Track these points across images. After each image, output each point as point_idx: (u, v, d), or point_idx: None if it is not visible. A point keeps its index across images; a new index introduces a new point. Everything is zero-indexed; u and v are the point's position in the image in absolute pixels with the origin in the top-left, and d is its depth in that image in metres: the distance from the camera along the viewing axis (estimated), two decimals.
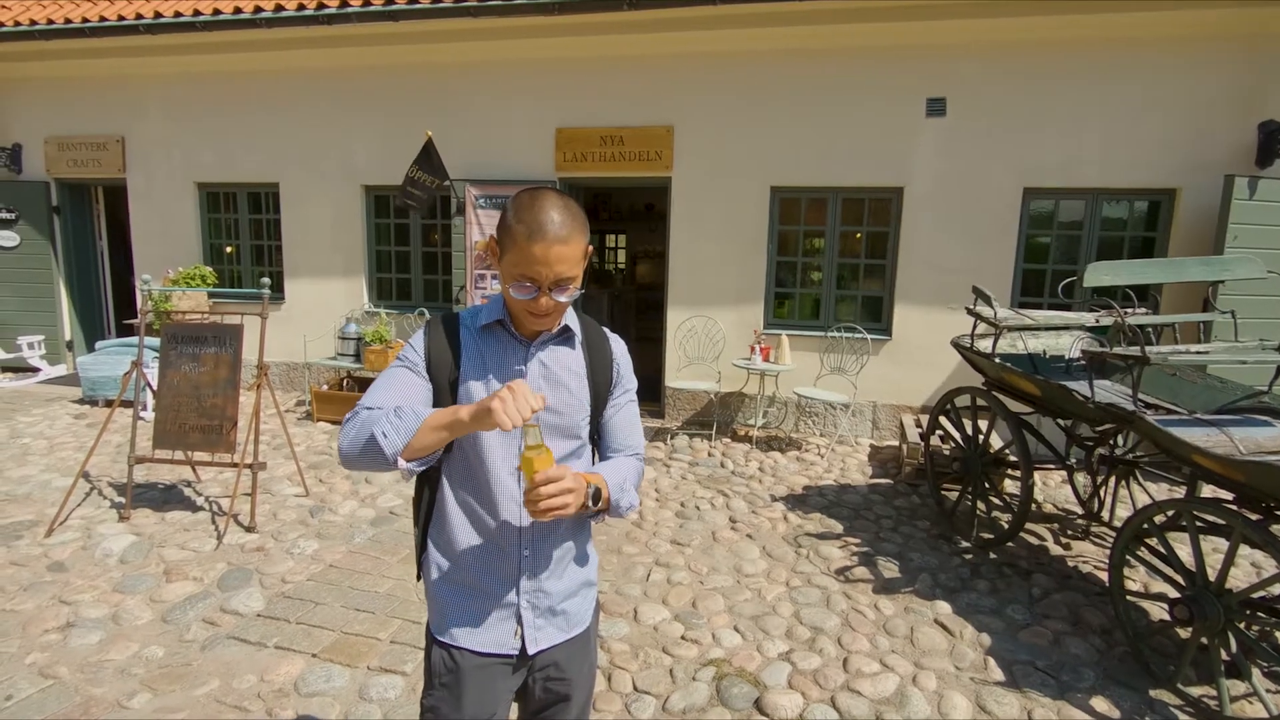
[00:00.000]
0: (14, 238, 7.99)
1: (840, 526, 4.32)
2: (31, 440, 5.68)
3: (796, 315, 6.47)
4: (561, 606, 1.42)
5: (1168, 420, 3.01)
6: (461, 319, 1.41)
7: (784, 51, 5.96)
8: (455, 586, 1.39)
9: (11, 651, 2.84)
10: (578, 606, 1.46)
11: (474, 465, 1.35)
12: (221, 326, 4.27)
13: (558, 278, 1.23)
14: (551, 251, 1.20)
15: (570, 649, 1.44)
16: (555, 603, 1.41)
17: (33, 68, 7.64)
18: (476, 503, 1.37)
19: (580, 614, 1.46)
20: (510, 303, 1.32)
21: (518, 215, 1.22)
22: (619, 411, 1.48)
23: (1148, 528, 2.89)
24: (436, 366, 1.36)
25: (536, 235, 1.19)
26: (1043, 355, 4.33)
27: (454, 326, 1.40)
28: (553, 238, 1.20)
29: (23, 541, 3.84)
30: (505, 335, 1.38)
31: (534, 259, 1.20)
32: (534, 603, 1.39)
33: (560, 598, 1.42)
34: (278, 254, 7.52)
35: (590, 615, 1.50)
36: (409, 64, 6.75)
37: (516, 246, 1.22)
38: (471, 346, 1.37)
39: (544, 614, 1.40)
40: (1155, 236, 5.65)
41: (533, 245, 1.20)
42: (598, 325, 1.50)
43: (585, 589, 1.49)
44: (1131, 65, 5.39)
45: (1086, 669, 2.90)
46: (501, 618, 1.38)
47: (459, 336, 1.38)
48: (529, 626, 1.38)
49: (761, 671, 2.85)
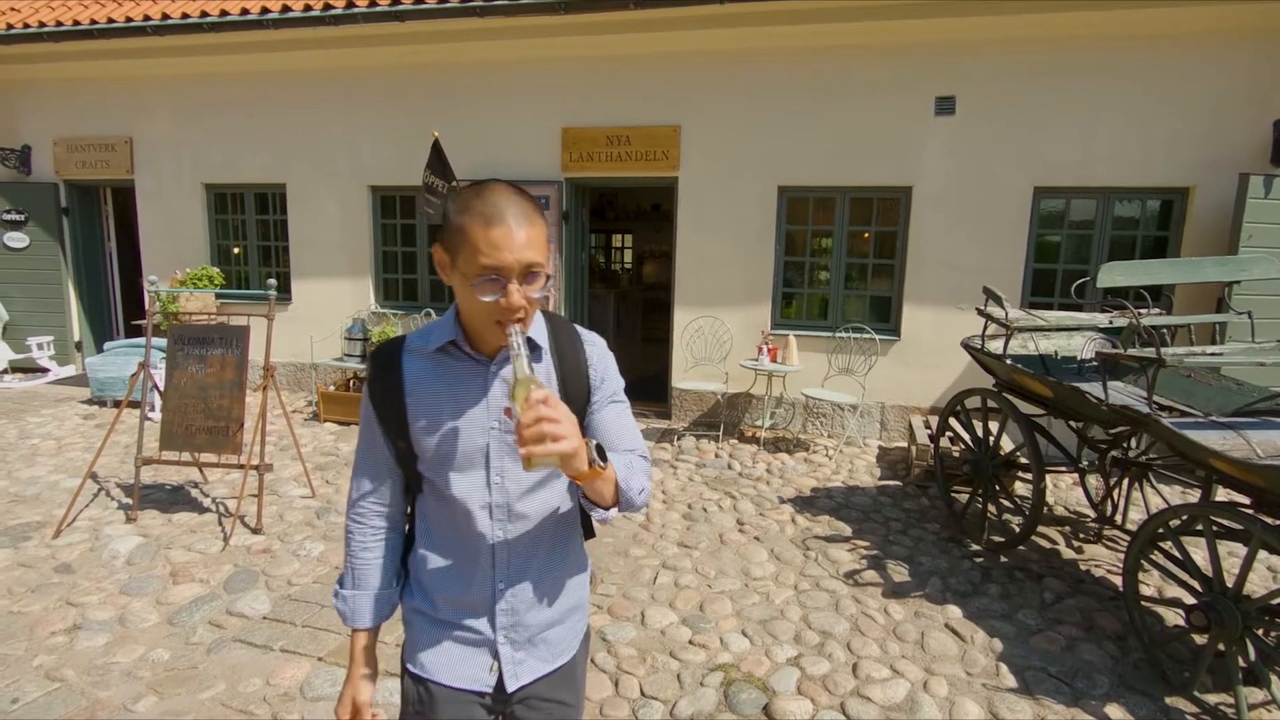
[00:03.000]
0: (23, 239, 8.03)
1: (849, 529, 4.29)
2: (40, 441, 5.70)
3: (804, 315, 6.43)
4: (544, 637, 1.32)
5: (1183, 423, 2.96)
6: (407, 344, 1.25)
7: (791, 50, 5.92)
8: (429, 618, 1.30)
9: (18, 654, 2.84)
10: (563, 635, 1.35)
11: (444, 495, 1.24)
12: (228, 328, 4.26)
13: (527, 265, 1.08)
14: (516, 235, 1.06)
15: (555, 680, 1.33)
16: (536, 633, 1.30)
17: (42, 69, 7.67)
18: (449, 533, 1.27)
19: (566, 642, 1.35)
20: (471, 314, 1.15)
21: (467, 208, 1.08)
22: (602, 414, 1.30)
23: (1163, 532, 2.85)
24: (384, 418, 1.25)
25: (496, 220, 1.06)
26: (1054, 356, 4.28)
27: (396, 358, 1.24)
28: (514, 219, 1.07)
29: (30, 543, 3.84)
30: (460, 358, 1.22)
31: (498, 245, 1.05)
32: (512, 637, 1.28)
33: (541, 628, 1.31)
34: (284, 255, 7.53)
35: (578, 642, 1.38)
36: (415, 64, 6.75)
37: (472, 240, 1.06)
38: (419, 377, 1.22)
39: (524, 646, 1.29)
40: (1168, 236, 5.59)
41: (493, 230, 1.05)
42: (569, 325, 1.33)
43: (572, 615, 1.37)
44: (1144, 62, 5.33)
45: (1100, 675, 2.86)
46: (477, 653, 1.28)
47: (401, 370, 1.23)
48: (507, 661, 1.28)
49: (770, 677, 2.82)
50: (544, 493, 1.26)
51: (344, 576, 1.34)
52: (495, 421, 1.21)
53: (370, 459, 1.31)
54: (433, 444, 1.21)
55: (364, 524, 1.33)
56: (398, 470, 1.30)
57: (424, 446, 1.22)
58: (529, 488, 1.24)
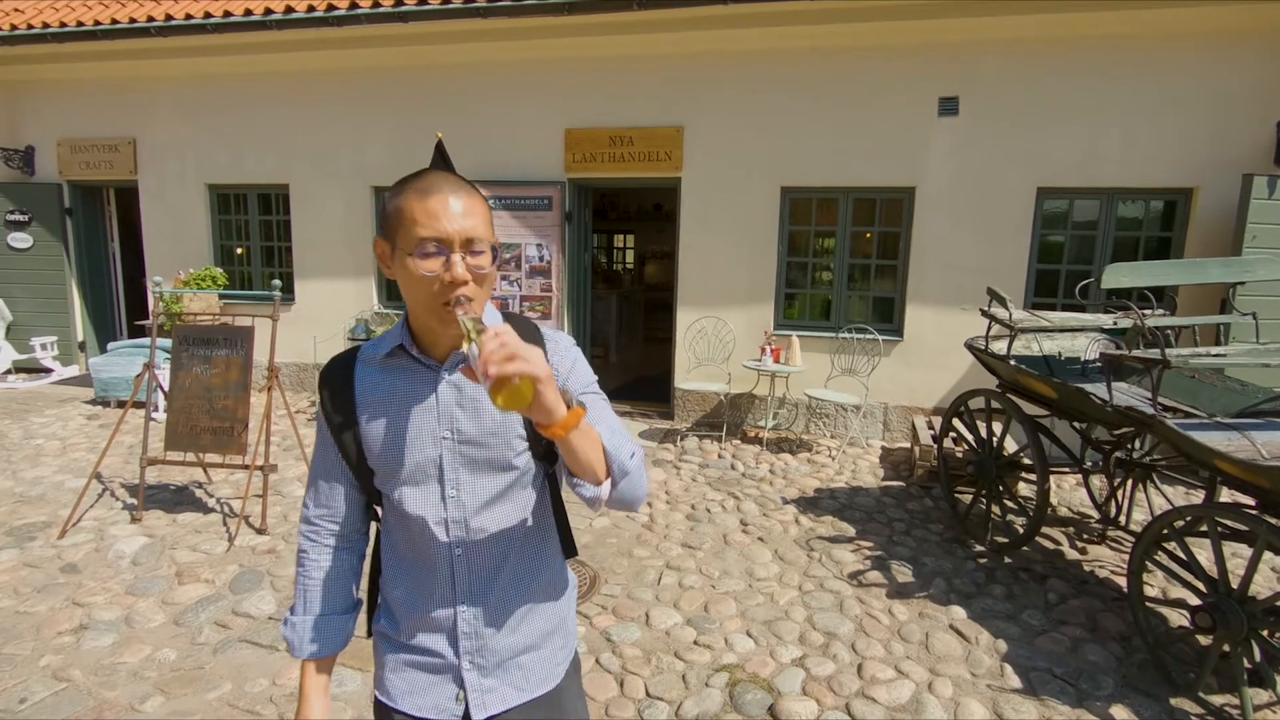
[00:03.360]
0: (27, 239, 8.05)
1: (852, 530, 4.29)
2: (45, 441, 5.71)
3: (807, 316, 6.44)
4: (518, 663, 1.22)
5: (1187, 424, 2.96)
6: (361, 354, 1.21)
7: (795, 51, 5.92)
8: (394, 643, 1.24)
9: (25, 654, 2.85)
10: (540, 662, 1.25)
11: (400, 511, 1.18)
12: (233, 328, 4.27)
13: (468, 235, 1.02)
14: (454, 203, 1.02)
15: (534, 712, 1.23)
16: (506, 659, 1.21)
17: (45, 70, 7.68)
18: (408, 552, 1.21)
19: (545, 671, 1.25)
20: (417, 303, 1.08)
21: (401, 189, 1.04)
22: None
23: (1167, 533, 2.85)
24: (336, 431, 1.20)
25: (431, 190, 1.02)
26: (1058, 357, 4.28)
27: (348, 370, 1.20)
28: (450, 191, 1.03)
29: (36, 543, 3.85)
30: (409, 364, 1.16)
31: (434, 214, 1.01)
32: (478, 662, 1.20)
33: (512, 654, 1.22)
34: (288, 255, 7.54)
35: (562, 671, 1.28)
36: (418, 65, 6.75)
37: (409, 214, 1.02)
38: (369, 387, 1.17)
39: (492, 673, 1.21)
40: (1172, 236, 5.59)
41: (428, 200, 1.01)
42: (531, 324, 1.25)
43: (551, 640, 1.26)
44: (1147, 63, 5.33)
45: (1105, 676, 2.86)
46: (441, 680, 1.20)
47: (353, 382, 1.18)
48: (473, 689, 1.19)
49: (775, 678, 2.83)
50: (504, 505, 1.18)
51: (295, 602, 1.28)
52: (447, 431, 1.14)
53: (324, 474, 1.25)
54: (385, 456, 1.16)
55: (316, 542, 1.26)
56: (354, 486, 1.24)
57: (376, 459, 1.17)
58: (486, 500, 1.16)
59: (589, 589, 3.49)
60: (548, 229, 6.68)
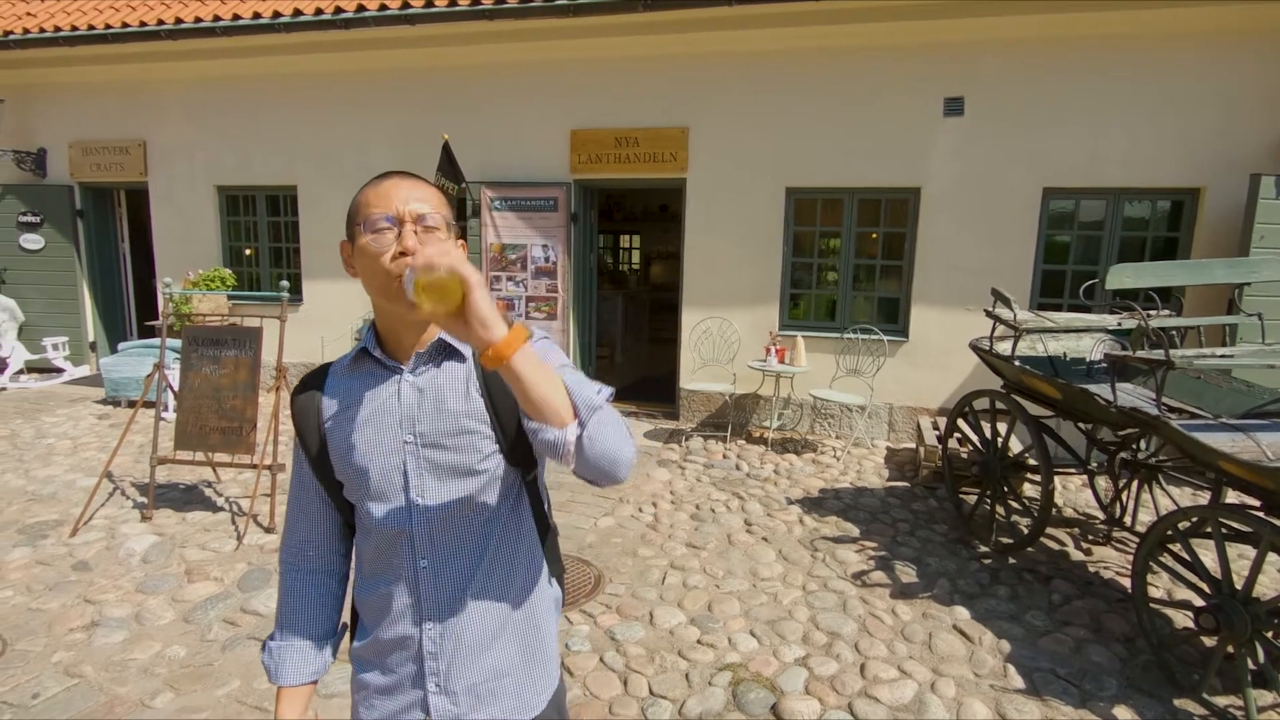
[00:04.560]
0: (39, 241, 8.14)
1: (857, 530, 4.30)
2: (56, 440, 5.77)
3: (812, 316, 6.44)
4: (490, 688, 1.14)
5: (1192, 425, 2.96)
6: (332, 367, 1.19)
7: (800, 51, 5.93)
8: (363, 663, 1.19)
9: (38, 650, 2.89)
10: (517, 688, 1.16)
11: (366, 524, 1.14)
12: (241, 329, 4.31)
13: (418, 212, 1.02)
14: (402, 185, 1.04)
15: None
16: (478, 683, 1.13)
17: (57, 73, 7.76)
18: (376, 568, 1.15)
19: (523, 699, 1.16)
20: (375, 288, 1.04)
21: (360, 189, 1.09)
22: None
23: (1172, 534, 2.85)
24: (307, 446, 1.17)
25: (384, 180, 1.06)
26: (1063, 358, 4.27)
27: (319, 384, 1.17)
28: (402, 177, 1.06)
29: (48, 541, 3.90)
30: (374, 369, 1.12)
31: (386, 194, 1.03)
32: (446, 686, 1.12)
33: (484, 678, 1.13)
34: (296, 256, 7.59)
35: (543, 702, 1.19)
36: (425, 67, 6.79)
37: (362, 202, 1.06)
38: (336, 397, 1.14)
39: (461, 699, 1.13)
40: (1179, 237, 5.56)
41: (381, 185, 1.05)
42: None
43: (530, 664, 1.18)
44: (1154, 62, 5.31)
45: (1109, 677, 2.86)
46: (407, 704, 1.15)
47: (322, 394, 1.16)
48: (438, 714, 1.13)
49: (778, 677, 2.84)
50: (472, 514, 1.11)
51: (275, 628, 1.24)
52: (410, 434, 1.09)
53: (300, 496, 1.22)
54: (350, 465, 1.12)
55: (296, 568, 1.23)
56: (330, 504, 1.20)
57: (342, 470, 1.13)
58: (453, 509, 1.10)
59: (593, 588, 3.51)
60: (553, 230, 6.70)
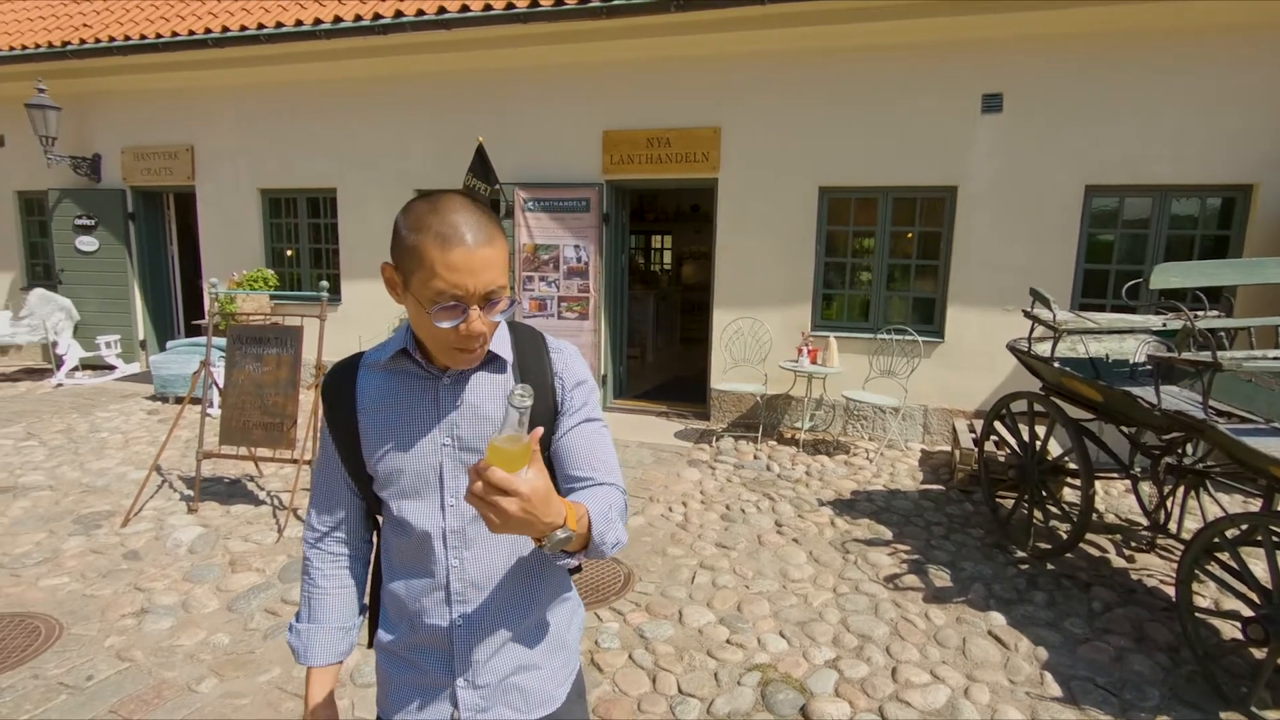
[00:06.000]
0: (94, 243, 8.47)
1: (889, 533, 4.24)
2: (109, 434, 6.01)
3: (845, 317, 6.37)
4: (515, 683, 1.17)
5: (1242, 429, 2.86)
6: (364, 359, 1.19)
7: (834, 50, 5.88)
8: (391, 656, 1.21)
9: (92, 634, 3.02)
10: (540, 683, 1.19)
11: (398, 520, 1.16)
12: (283, 328, 4.44)
13: (487, 287, 0.99)
14: (476, 256, 0.97)
15: None
16: (505, 678, 1.17)
17: (111, 82, 8.08)
18: (406, 563, 1.17)
19: (544, 692, 1.20)
20: (429, 337, 1.06)
21: (419, 225, 0.98)
22: (573, 436, 1.16)
23: (1219, 542, 2.76)
24: (337, 438, 1.18)
25: (454, 240, 0.96)
26: (1105, 360, 4.16)
27: (351, 376, 1.17)
28: (474, 240, 0.97)
29: (101, 531, 4.07)
30: (412, 370, 1.13)
31: (455, 267, 0.96)
32: (474, 681, 1.15)
33: (510, 672, 1.17)
34: (335, 257, 7.78)
35: (564, 694, 1.22)
36: (460, 70, 6.90)
37: (427, 261, 0.97)
38: (371, 393, 1.15)
39: (488, 693, 1.16)
40: (1229, 235, 5.37)
41: (450, 252, 0.96)
42: (534, 333, 1.22)
43: (552, 658, 1.22)
44: (1202, 56, 5.14)
45: (1151, 688, 2.78)
46: (436, 697, 1.16)
47: (355, 386, 1.16)
48: (466, 708, 1.15)
49: (807, 678, 2.83)
50: None
51: (300, 609, 1.26)
52: (448, 438, 1.12)
53: (327, 482, 1.24)
54: (384, 464, 1.13)
55: (321, 551, 1.25)
56: (356, 494, 1.23)
57: (376, 467, 1.15)
58: None
59: (623, 586, 3.54)
60: (585, 230, 6.75)
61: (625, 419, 6.73)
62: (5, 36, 8.20)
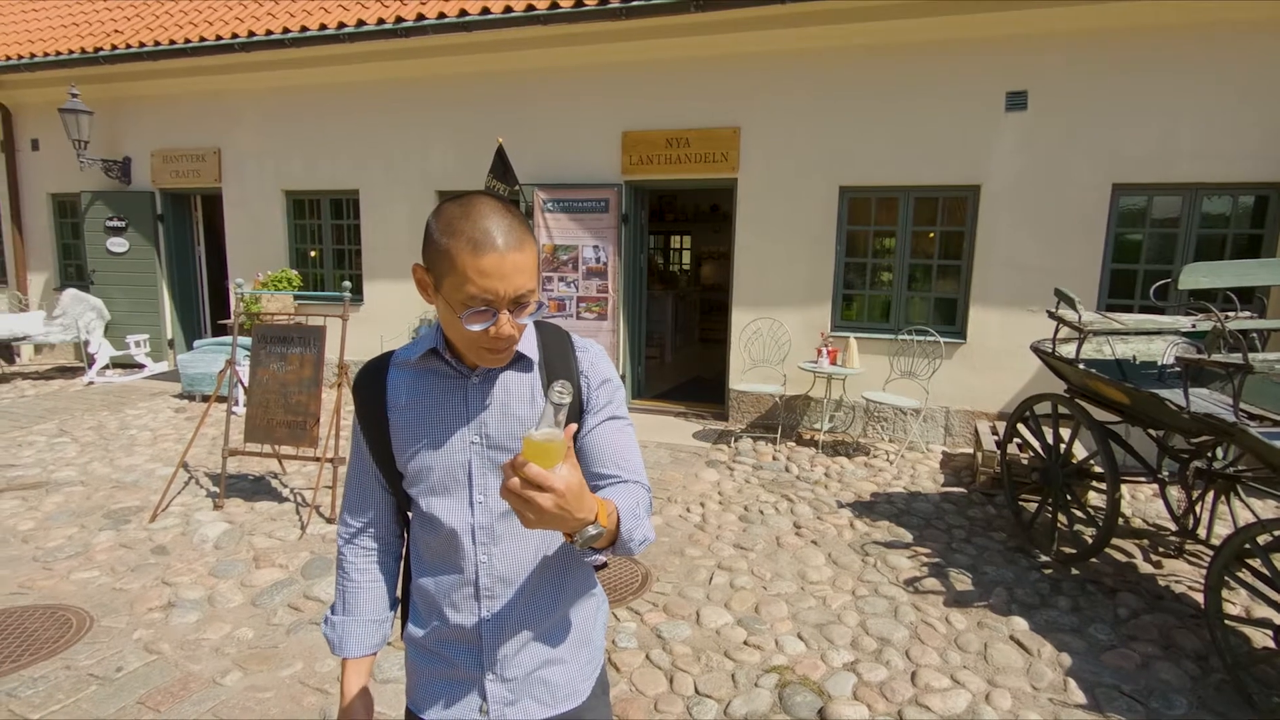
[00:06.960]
0: (124, 244, 8.65)
1: (910, 535, 4.20)
2: (138, 432, 6.14)
3: (865, 317, 6.32)
4: (541, 676, 1.20)
5: (1274, 433, 2.79)
6: (394, 358, 1.21)
7: (854, 49, 5.83)
8: (421, 650, 1.23)
9: (121, 627, 3.09)
10: (566, 677, 1.22)
11: (427, 516, 1.18)
12: (306, 328, 4.51)
13: (517, 292, 1.02)
14: (507, 261, 0.99)
15: None
16: (531, 671, 1.19)
17: (141, 86, 8.25)
18: (435, 558, 1.19)
19: (571, 686, 1.23)
20: (458, 338, 1.09)
21: (451, 229, 1.00)
22: (598, 433, 1.17)
23: (1250, 548, 2.69)
24: (368, 434, 1.20)
25: (485, 246, 0.98)
26: (1132, 361, 4.09)
27: (381, 374, 1.20)
28: (505, 245, 1.00)
29: (130, 525, 4.16)
30: (441, 368, 1.16)
31: (486, 273, 0.99)
32: (501, 674, 1.18)
33: (536, 666, 1.20)
34: (357, 258, 7.87)
35: (589, 688, 1.25)
36: (480, 72, 6.95)
37: (459, 266, 0.99)
38: (401, 391, 1.17)
39: (516, 686, 1.19)
40: (1263, 234, 5.25)
41: (482, 258, 0.98)
42: (560, 332, 1.24)
43: (578, 653, 1.24)
44: (1233, 51, 5.02)
45: (1178, 696, 2.73)
46: (465, 690, 1.19)
47: (385, 384, 1.19)
48: (494, 701, 1.18)
49: (826, 681, 2.81)
50: None
51: (335, 602, 1.29)
52: (476, 435, 1.14)
53: (359, 479, 1.26)
54: (414, 460, 1.16)
55: (354, 545, 1.28)
56: (387, 489, 1.26)
57: (405, 464, 1.17)
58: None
59: (640, 586, 3.54)
60: (605, 230, 6.77)
61: (644, 419, 6.74)
62: (40, 43, 8.41)
